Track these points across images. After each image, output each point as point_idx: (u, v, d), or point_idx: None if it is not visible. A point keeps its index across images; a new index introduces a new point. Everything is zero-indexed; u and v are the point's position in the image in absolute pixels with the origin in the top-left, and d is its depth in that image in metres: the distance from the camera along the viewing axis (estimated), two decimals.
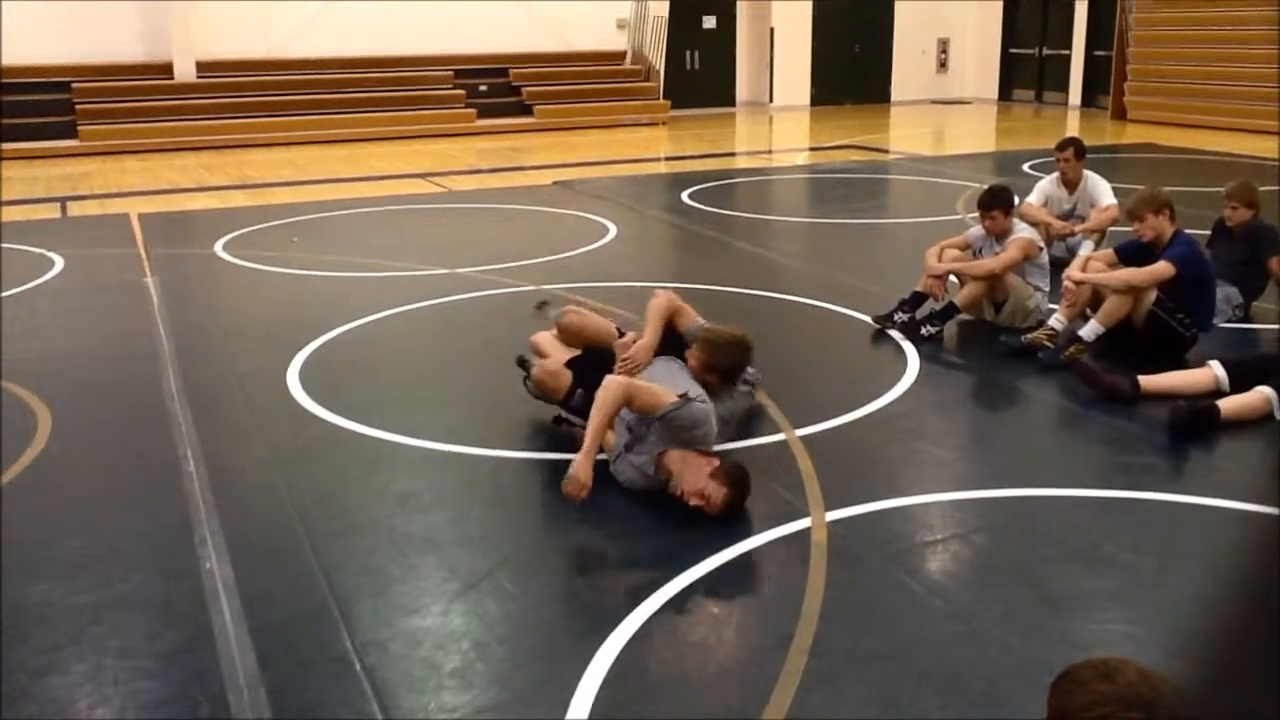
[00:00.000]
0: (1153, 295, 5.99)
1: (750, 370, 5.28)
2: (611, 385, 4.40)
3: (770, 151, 17.82)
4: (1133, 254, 6.25)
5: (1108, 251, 6.54)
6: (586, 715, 3.09)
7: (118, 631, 3.60)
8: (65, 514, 4.49)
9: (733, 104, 22.62)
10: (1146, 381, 5.49)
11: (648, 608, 3.65)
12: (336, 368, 6.27)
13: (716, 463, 4.31)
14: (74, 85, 16.80)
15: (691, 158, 15.80)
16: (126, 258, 9.21)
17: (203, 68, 17.57)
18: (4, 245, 9.66)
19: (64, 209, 11.88)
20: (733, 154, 17.18)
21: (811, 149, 17.19)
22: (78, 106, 16.56)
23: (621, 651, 3.40)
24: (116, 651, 3.48)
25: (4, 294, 7.97)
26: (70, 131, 16.28)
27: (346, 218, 11.09)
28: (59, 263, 8.94)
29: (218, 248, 9.48)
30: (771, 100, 22.47)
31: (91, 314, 7.59)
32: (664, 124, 19.60)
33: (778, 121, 20.96)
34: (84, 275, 8.64)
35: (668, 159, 16.35)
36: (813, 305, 7.44)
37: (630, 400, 4.38)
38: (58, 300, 7.93)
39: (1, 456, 4.98)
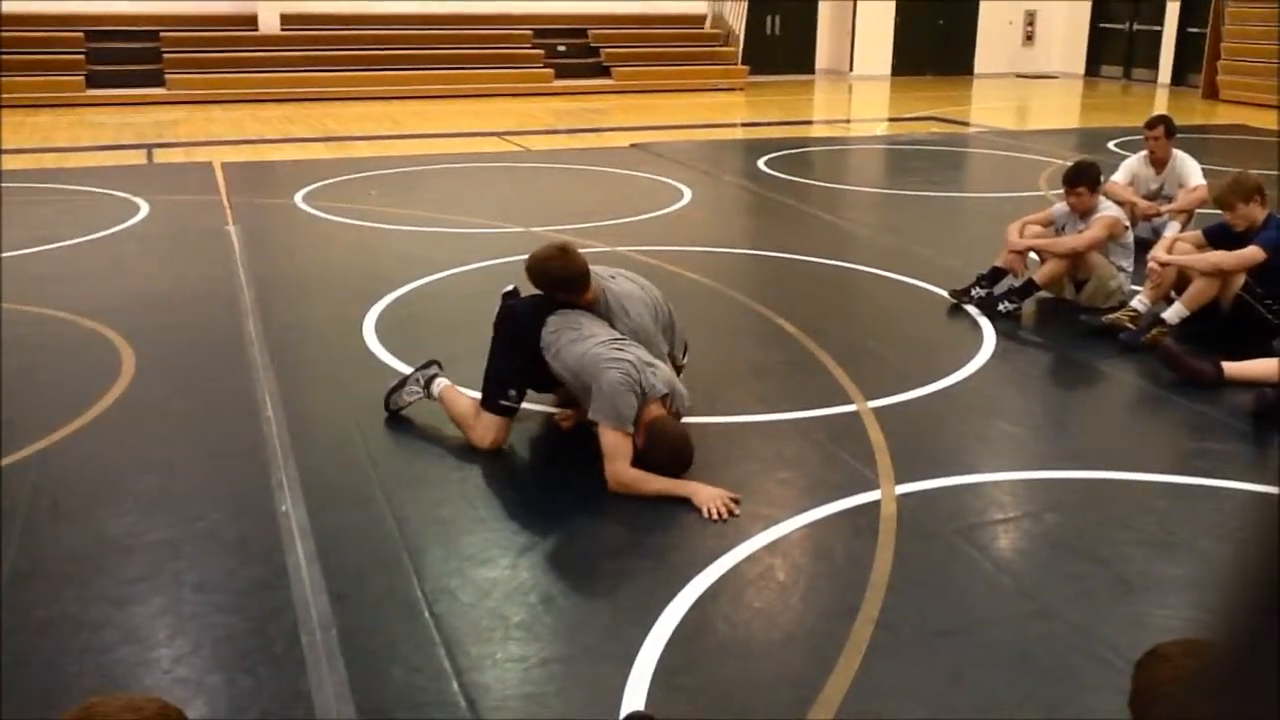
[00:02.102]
0: (1240, 280, 5.84)
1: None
2: (613, 479, 4.19)
3: (849, 121, 17.61)
4: (1220, 236, 6.09)
5: (1195, 233, 6.39)
6: (650, 673, 3.11)
7: (195, 567, 3.69)
8: (148, 452, 4.61)
9: (812, 71, 22.35)
10: (1230, 367, 5.37)
11: (714, 571, 3.66)
12: (411, 321, 6.34)
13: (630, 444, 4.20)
14: (162, 34, 17.07)
15: (769, 124, 15.66)
16: (209, 205, 9.37)
17: (287, 20, 17.75)
18: (92, 189, 9.89)
19: (150, 155, 12.11)
20: (810, 122, 17.00)
21: (891, 119, 16.95)
22: (165, 56, 16.83)
23: (687, 612, 3.41)
24: (194, 586, 3.58)
25: (92, 236, 8.18)
26: (158, 80, 16.56)
27: (424, 173, 11.17)
28: (144, 208, 9.12)
29: (298, 198, 9.60)
30: (852, 69, 22.17)
31: (175, 259, 7.75)
32: (742, 89, 19.44)
33: (857, 90, 20.69)
34: (168, 221, 8.81)
35: (745, 125, 16.23)
36: (888, 277, 7.36)
37: (628, 454, 4.21)
38: (143, 244, 8.10)
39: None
